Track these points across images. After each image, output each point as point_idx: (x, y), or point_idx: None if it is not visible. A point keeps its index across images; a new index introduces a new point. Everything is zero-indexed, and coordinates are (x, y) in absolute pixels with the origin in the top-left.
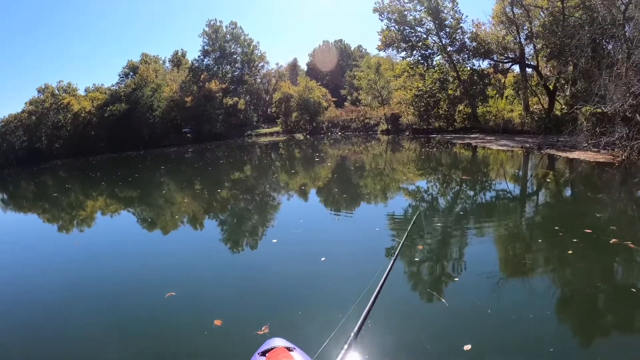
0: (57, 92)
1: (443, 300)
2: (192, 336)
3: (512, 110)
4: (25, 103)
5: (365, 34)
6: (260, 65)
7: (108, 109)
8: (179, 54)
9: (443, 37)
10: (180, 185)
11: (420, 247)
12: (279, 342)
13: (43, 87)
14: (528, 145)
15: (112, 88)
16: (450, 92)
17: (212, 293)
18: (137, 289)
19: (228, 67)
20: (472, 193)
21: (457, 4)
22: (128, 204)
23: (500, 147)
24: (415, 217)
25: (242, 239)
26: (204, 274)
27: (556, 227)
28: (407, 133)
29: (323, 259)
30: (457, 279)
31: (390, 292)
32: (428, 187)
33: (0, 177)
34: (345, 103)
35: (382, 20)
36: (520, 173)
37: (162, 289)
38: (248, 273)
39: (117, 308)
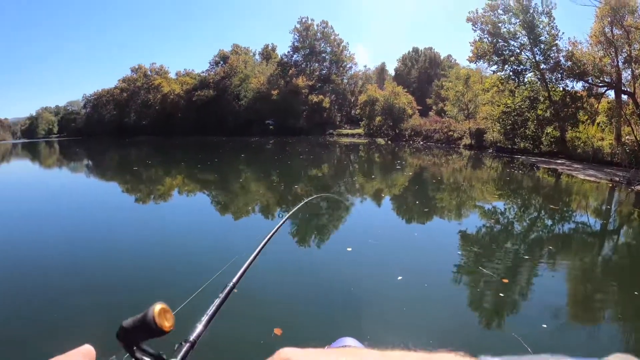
0: (149, 73)
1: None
2: (249, 345)
3: (602, 139)
4: (119, 80)
5: (457, 43)
6: (348, 66)
7: (196, 93)
8: (269, 47)
9: (537, 54)
10: (258, 174)
11: (505, 280)
12: (351, 341)
13: (136, 67)
14: (617, 179)
15: (201, 74)
16: (539, 112)
17: (273, 297)
18: (194, 279)
19: (316, 64)
20: (550, 222)
21: (554, 19)
22: (204, 186)
23: (586, 177)
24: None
25: (313, 241)
26: (266, 274)
27: (634, 272)
28: (491, 150)
29: (400, 278)
30: (521, 308)
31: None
32: (505, 209)
33: (88, 145)
34: (430, 112)
35: (475, 31)
36: (604, 208)
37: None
38: (316, 280)
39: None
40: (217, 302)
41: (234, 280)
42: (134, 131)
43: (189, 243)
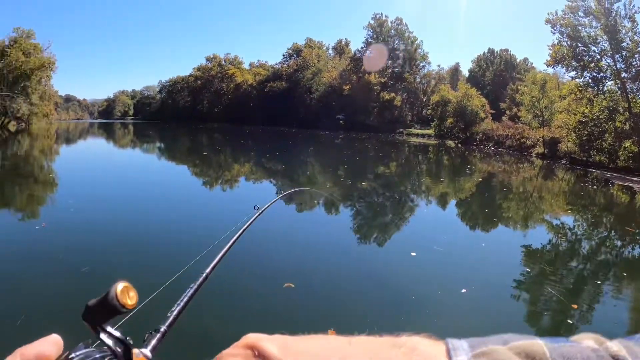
0: (223, 62)
1: None
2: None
3: None
4: (194, 68)
5: (534, 45)
6: (421, 64)
7: (269, 85)
8: (343, 42)
9: (618, 61)
10: (325, 168)
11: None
12: None
13: (211, 56)
14: None
15: (274, 66)
16: (618, 124)
17: (328, 292)
18: (251, 278)
19: (389, 61)
20: (621, 244)
21: (638, 24)
22: (270, 175)
23: None
24: None
25: (375, 239)
26: (325, 267)
27: None
28: (564, 161)
29: (464, 290)
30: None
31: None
32: (575, 226)
33: (162, 128)
34: (502, 117)
35: (553, 34)
36: None
37: (276, 277)
38: (375, 281)
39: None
40: (189, 291)
41: (207, 270)
42: (206, 118)
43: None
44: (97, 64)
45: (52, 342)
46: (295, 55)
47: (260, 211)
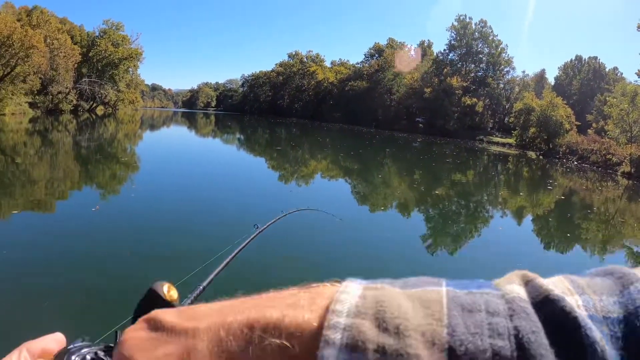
0: (305, 59)
1: None
2: None
3: None
4: (276, 64)
5: (625, 54)
6: (505, 69)
7: (349, 83)
8: (425, 44)
9: None
10: (400, 171)
11: None
12: None
13: (293, 53)
14: None
15: (356, 65)
16: None
17: None
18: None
19: (472, 65)
20: None
21: None
22: (346, 173)
23: None
24: None
25: (445, 246)
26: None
27: None
28: None
29: None
30: None
31: None
32: None
33: (243, 120)
34: (588, 130)
35: None
36: None
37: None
38: None
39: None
40: (186, 301)
41: (204, 283)
42: (286, 113)
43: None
44: (184, 56)
45: (56, 340)
46: (377, 55)
47: (260, 230)
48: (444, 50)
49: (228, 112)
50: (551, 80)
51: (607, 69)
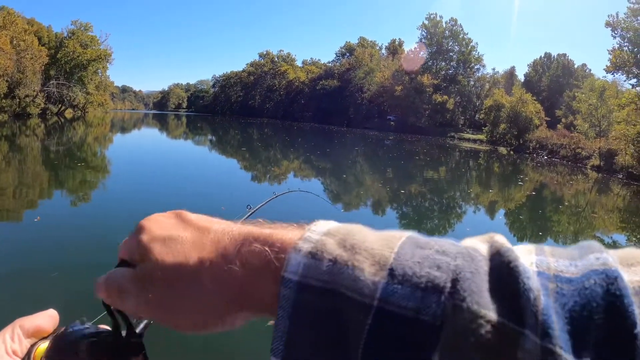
0: (276, 59)
1: None
2: None
3: None
4: (247, 64)
5: (593, 51)
6: (475, 67)
7: (320, 82)
8: (396, 42)
9: None
10: (372, 169)
11: None
12: None
13: (264, 52)
14: None
15: (327, 64)
16: None
17: None
18: None
19: (443, 63)
20: None
21: None
22: (318, 173)
23: None
24: None
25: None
26: None
27: None
28: (621, 176)
29: None
30: None
31: None
32: (626, 246)
33: (214, 122)
34: (558, 125)
35: (614, 38)
36: None
37: None
38: None
39: None
40: None
41: None
42: (257, 113)
43: None
44: (155, 56)
45: (49, 316)
46: (347, 54)
47: (252, 210)
48: (415, 48)
49: (199, 113)
50: (521, 77)
51: (575, 66)
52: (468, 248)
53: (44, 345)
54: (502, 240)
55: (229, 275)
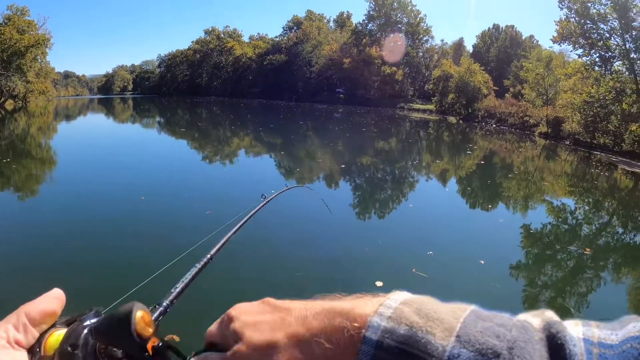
0: (222, 35)
1: None
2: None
3: None
4: (192, 42)
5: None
6: (424, 39)
7: (268, 58)
8: (344, 15)
9: (627, 40)
10: (323, 143)
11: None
12: None
13: (210, 29)
14: None
15: (274, 39)
16: (625, 106)
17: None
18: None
19: (391, 35)
20: (621, 230)
21: None
22: (269, 149)
23: None
24: None
25: (370, 209)
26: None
27: None
28: (567, 142)
29: (430, 252)
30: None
31: None
32: (575, 209)
33: (161, 103)
34: (506, 94)
35: (561, 9)
36: None
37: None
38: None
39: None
40: (193, 270)
41: (212, 252)
42: (205, 92)
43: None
44: (96, 38)
45: (55, 297)
46: (295, 28)
47: (267, 200)
48: (363, 20)
49: (146, 94)
50: (470, 48)
51: (523, 37)
52: (522, 321)
53: (59, 333)
54: (551, 314)
55: (316, 349)
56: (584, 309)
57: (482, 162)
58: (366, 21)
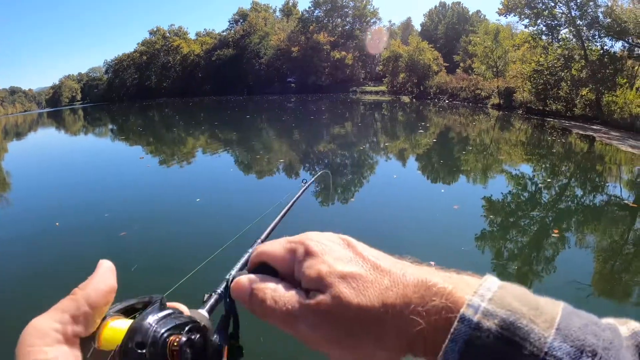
0: (168, 34)
1: None
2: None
3: None
4: (138, 44)
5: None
6: (372, 21)
7: (216, 53)
8: (290, 3)
9: (572, 8)
10: (279, 133)
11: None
12: None
13: (155, 29)
14: None
15: (221, 34)
16: (574, 72)
17: None
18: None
19: (339, 20)
20: (579, 192)
21: None
22: (226, 145)
23: (628, 149)
24: None
25: (332, 196)
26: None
27: None
28: (520, 111)
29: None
30: (540, 284)
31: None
32: (533, 175)
33: (112, 110)
34: (457, 70)
35: None
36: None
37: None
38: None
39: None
40: (245, 256)
41: (262, 236)
42: (155, 94)
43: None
44: (40, 49)
45: (110, 270)
46: (241, 20)
47: (308, 184)
48: (309, 7)
49: (95, 103)
50: (418, 27)
51: (470, 13)
52: (612, 324)
53: (115, 325)
54: (637, 325)
55: (410, 325)
56: (549, 274)
57: (437, 138)
58: (312, 8)
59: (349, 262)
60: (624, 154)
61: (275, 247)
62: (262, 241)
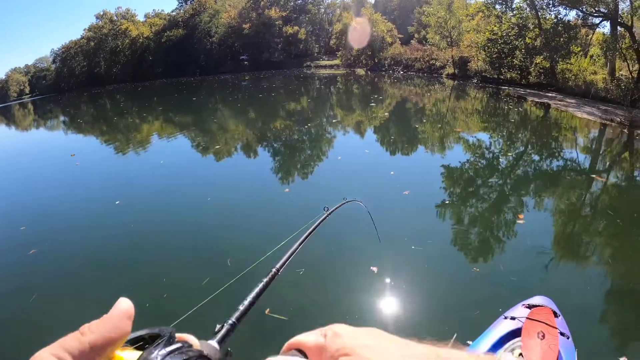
0: (115, 18)
1: (476, 269)
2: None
3: (595, 72)
4: (84, 29)
5: None
6: None
7: (165, 34)
8: None
9: None
10: (235, 113)
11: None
12: (544, 301)
13: (101, 13)
14: (619, 119)
15: (171, 14)
16: (528, 41)
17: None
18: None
19: None
20: (537, 158)
21: None
22: (182, 128)
23: (583, 116)
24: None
25: (292, 171)
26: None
27: (616, 215)
28: (475, 80)
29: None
30: (501, 249)
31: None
32: (490, 143)
33: (62, 100)
34: (411, 41)
35: None
36: (597, 146)
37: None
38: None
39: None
40: (260, 285)
41: (278, 265)
42: (106, 81)
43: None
44: None
45: (126, 313)
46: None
47: (329, 212)
48: None
49: (45, 95)
50: (372, 0)
51: None
52: None
53: (121, 356)
54: None
55: None
56: (511, 240)
57: (394, 108)
58: None
59: (371, 337)
60: (579, 120)
61: (304, 336)
62: (278, 270)
